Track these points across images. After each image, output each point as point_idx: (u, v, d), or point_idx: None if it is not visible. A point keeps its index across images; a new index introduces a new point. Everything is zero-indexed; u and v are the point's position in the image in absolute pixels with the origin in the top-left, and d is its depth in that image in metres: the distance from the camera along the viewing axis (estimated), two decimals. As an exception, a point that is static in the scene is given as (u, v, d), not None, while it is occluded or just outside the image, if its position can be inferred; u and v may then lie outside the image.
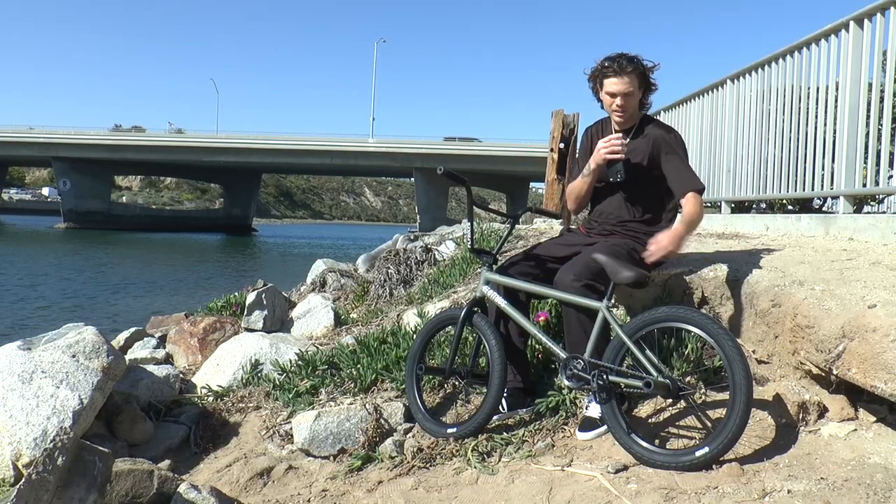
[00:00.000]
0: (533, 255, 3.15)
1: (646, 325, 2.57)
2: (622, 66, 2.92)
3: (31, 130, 59.53)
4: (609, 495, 2.24)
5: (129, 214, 67.69)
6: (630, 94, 2.95)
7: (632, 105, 2.99)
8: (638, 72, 2.94)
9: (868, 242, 3.83)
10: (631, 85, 2.94)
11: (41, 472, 2.06)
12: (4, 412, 2.96)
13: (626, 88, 2.94)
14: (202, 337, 4.76)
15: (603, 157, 2.97)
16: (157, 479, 2.42)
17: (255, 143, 55.38)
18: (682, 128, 7.34)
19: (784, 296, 2.74)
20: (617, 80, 2.94)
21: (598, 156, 2.99)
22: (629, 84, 2.93)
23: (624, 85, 2.93)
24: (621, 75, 2.93)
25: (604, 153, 2.97)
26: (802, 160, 4.89)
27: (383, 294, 5.43)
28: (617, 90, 2.95)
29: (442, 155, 47.73)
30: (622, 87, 2.93)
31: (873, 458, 2.22)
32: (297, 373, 3.70)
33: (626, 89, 2.94)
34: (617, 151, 2.95)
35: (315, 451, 3.00)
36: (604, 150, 2.96)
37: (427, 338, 3.24)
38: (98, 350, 3.31)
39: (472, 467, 2.64)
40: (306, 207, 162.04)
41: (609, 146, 2.95)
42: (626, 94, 2.95)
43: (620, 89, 2.94)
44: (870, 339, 2.25)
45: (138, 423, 3.37)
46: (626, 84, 2.93)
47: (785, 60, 5.25)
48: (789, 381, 2.65)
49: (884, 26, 4.05)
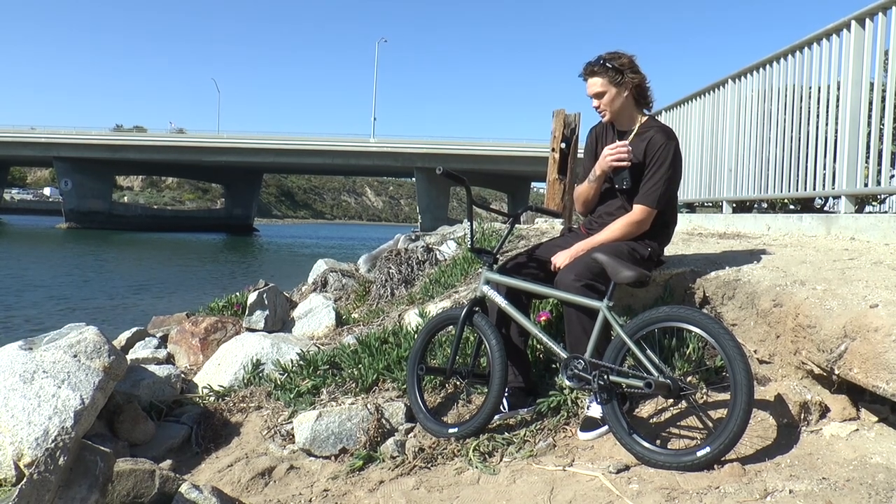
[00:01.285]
0: (534, 255, 3.15)
1: (647, 324, 2.57)
2: (588, 68, 2.98)
3: (33, 130, 59.62)
4: (610, 495, 2.24)
5: (130, 214, 67.73)
6: (600, 94, 2.98)
7: (608, 104, 2.99)
8: (604, 69, 2.94)
9: (870, 242, 3.82)
10: (598, 85, 2.97)
11: (43, 472, 2.06)
12: (6, 412, 2.96)
13: (595, 89, 2.98)
14: (203, 337, 4.77)
15: (609, 165, 2.97)
16: (158, 479, 2.42)
17: (257, 143, 55.40)
18: (684, 128, 7.34)
19: (785, 295, 2.74)
20: (587, 83, 3.01)
21: (605, 163, 2.98)
22: (596, 84, 2.97)
23: (594, 86, 2.99)
24: (588, 77, 2.99)
25: (610, 160, 2.96)
26: (804, 160, 4.88)
27: (384, 294, 5.43)
28: (588, 92, 3.02)
29: (443, 154, 47.70)
30: (592, 89, 3.00)
31: (875, 459, 2.22)
32: (299, 373, 3.70)
33: (596, 90, 2.98)
34: (623, 159, 2.94)
35: (316, 450, 3.00)
36: (610, 157, 2.96)
37: (428, 337, 3.24)
38: (99, 350, 3.31)
39: (473, 467, 2.64)
40: (308, 207, 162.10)
41: (615, 153, 2.94)
42: (598, 95, 2.99)
43: (591, 91, 3.01)
44: (871, 338, 2.25)
45: (140, 422, 3.37)
46: (594, 85, 2.98)
47: (786, 60, 5.25)
48: (791, 381, 2.65)
49: (885, 26, 4.05)
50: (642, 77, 2.99)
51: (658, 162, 2.92)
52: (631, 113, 3.05)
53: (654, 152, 2.93)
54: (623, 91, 2.97)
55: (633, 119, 3.05)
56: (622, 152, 2.93)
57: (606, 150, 2.98)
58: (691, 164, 6.99)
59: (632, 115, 3.05)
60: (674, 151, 2.95)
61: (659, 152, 2.93)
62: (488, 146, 51.19)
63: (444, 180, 30.07)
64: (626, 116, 3.05)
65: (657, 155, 2.93)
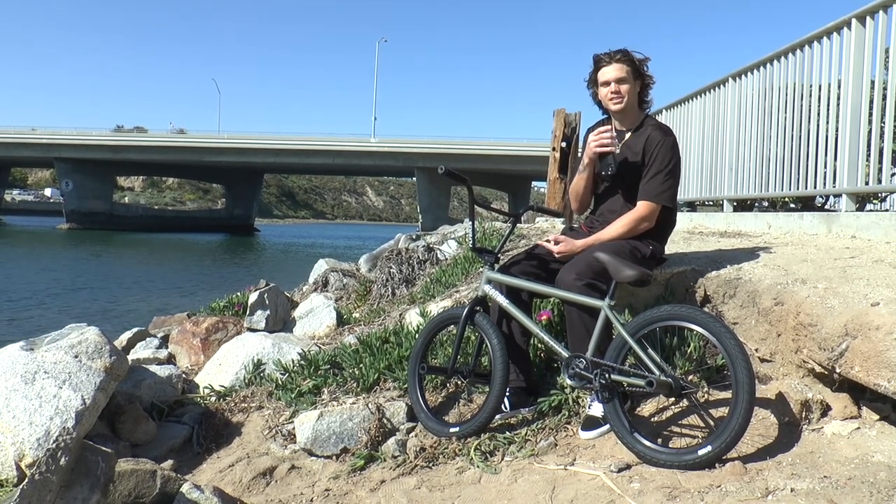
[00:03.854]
0: (535, 255, 3.14)
1: (648, 323, 2.57)
2: (612, 54, 3.00)
3: (34, 131, 59.67)
4: (612, 494, 2.24)
5: (131, 215, 67.79)
6: (623, 79, 2.98)
7: (628, 91, 2.99)
8: (628, 60, 2.99)
9: (871, 240, 3.82)
10: (623, 71, 2.98)
11: (44, 473, 2.06)
12: (7, 412, 2.96)
13: (618, 74, 2.98)
14: (204, 337, 4.76)
15: (593, 151, 3.00)
16: (159, 479, 2.42)
17: (257, 144, 55.42)
18: (684, 126, 7.33)
19: (787, 294, 2.74)
20: (608, 67, 3.00)
21: (589, 149, 3.02)
22: (621, 70, 2.98)
23: (616, 71, 2.98)
24: (611, 63, 2.99)
25: (594, 146, 2.99)
26: (805, 158, 4.88)
27: (385, 293, 5.43)
28: (610, 77, 3.00)
29: (444, 154, 47.69)
30: (614, 74, 2.98)
31: (877, 457, 2.22)
32: (300, 372, 3.70)
33: (619, 75, 2.98)
34: (606, 144, 2.96)
35: (318, 450, 3.00)
36: (594, 143, 2.99)
37: (429, 337, 3.24)
38: (101, 350, 3.31)
39: (474, 466, 2.64)
40: (308, 207, 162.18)
41: (599, 139, 2.97)
42: (620, 80, 2.98)
43: (613, 76, 2.99)
44: (873, 337, 2.25)
45: (141, 423, 3.37)
46: (618, 70, 2.98)
47: (787, 58, 5.24)
48: (792, 380, 2.65)
49: (886, 24, 4.05)
50: (651, 79, 3.06)
51: (658, 157, 2.94)
52: (634, 110, 3.06)
53: (652, 148, 2.95)
54: (637, 85, 3.02)
55: (634, 117, 3.06)
56: (605, 137, 2.96)
57: (591, 137, 3.01)
58: (692, 162, 6.98)
59: (634, 112, 3.07)
60: (672, 146, 2.97)
61: (658, 147, 2.94)
62: (489, 146, 51.19)
63: (444, 180, 30.04)
64: (630, 113, 3.06)
65: (656, 151, 2.94)
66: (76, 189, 57.46)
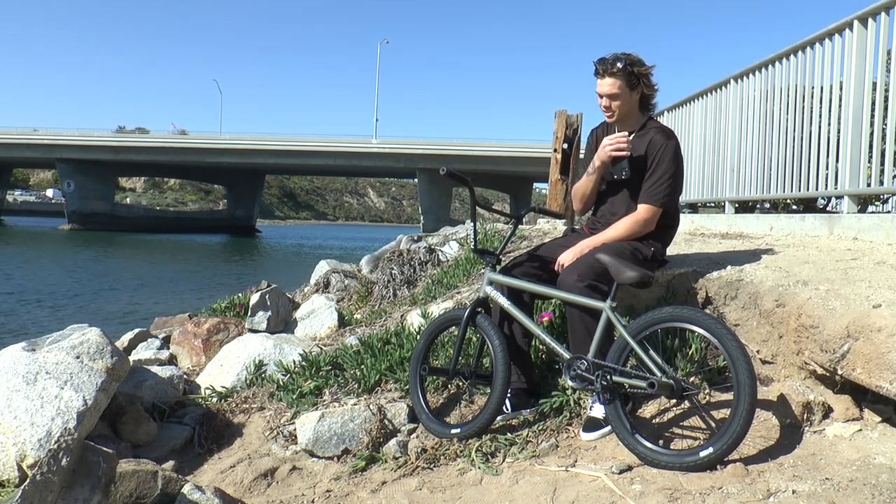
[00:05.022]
0: (536, 256, 3.15)
1: (649, 325, 2.57)
2: (606, 67, 2.94)
3: (35, 132, 59.70)
4: (613, 496, 2.24)
5: (132, 216, 67.84)
6: (615, 95, 2.95)
7: (619, 106, 2.98)
8: (624, 73, 2.92)
9: (872, 242, 3.82)
10: (615, 87, 2.93)
11: (45, 473, 2.06)
12: (9, 413, 2.96)
13: (609, 90, 2.95)
14: (206, 338, 4.77)
15: (608, 154, 2.97)
16: (161, 480, 2.42)
17: (259, 145, 55.44)
18: (686, 128, 7.33)
19: (788, 296, 2.74)
20: (602, 80, 2.96)
21: (603, 153, 2.98)
22: (612, 86, 2.93)
23: (607, 87, 2.95)
24: (604, 76, 2.95)
25: (609, 150, 2.96)
26: (806, 160, 4.88)
27: (387, 295, 5.44)
28: (601, 91, 2.98)
29: (445, 155, 47.68)
30: (605, 89, 2.96)
31: (878, 459, 2.21)
32: (301, 373, 3.70)
33: (610, 91, 2.95)
34: (623, 149, 2.94)
35: (319, 451, 3.00)
36: (609, 147, 2.96)
37: (431, 338, 3.24)
38: (102, 351, 3.32)
39: (476, 468, 2.64)
40: (310, 208, 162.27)
41: (615, 143, 2.94)
42: (611, 96, 2.96)
43: (604, 90, 2.96)
44: (875, 339, 2.24)
45: (142, 423, 3.37)
46: (609, 85, 2.94)
47: (789, 60, 5.25)
48: (794, 381, 2.64)
49: (888, 25, 4.04)
50: (654, 89, 3.01)
51: (659, 161, 2.93)
52: (635, 115, 3.06)
53: (654, 152, 2.94)
54: (635, 95, 2.98)
55: (635, 121, 3.07)
56: (622, 142, 2.94)
57: (606, 140, 2.97)
58: (694, 164, 6.98)
59: (635, 117, 3.06)
60: (674, 150, 2.96)
61: (660, 151, 2.94)
62: (490, 147, 51.18)
63: (446, 181, 29.96)
64: (630, 118, 3.05)
65: (658, 154, 2.93)
66: (78, 190, 57.50)
